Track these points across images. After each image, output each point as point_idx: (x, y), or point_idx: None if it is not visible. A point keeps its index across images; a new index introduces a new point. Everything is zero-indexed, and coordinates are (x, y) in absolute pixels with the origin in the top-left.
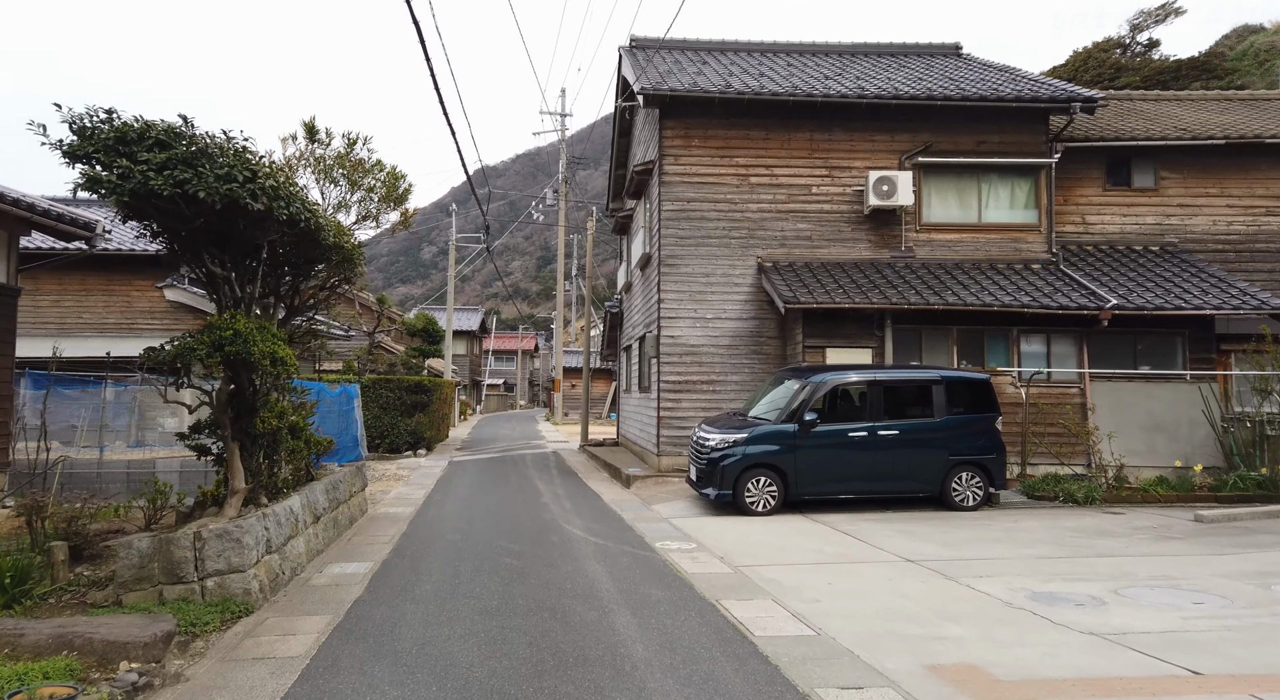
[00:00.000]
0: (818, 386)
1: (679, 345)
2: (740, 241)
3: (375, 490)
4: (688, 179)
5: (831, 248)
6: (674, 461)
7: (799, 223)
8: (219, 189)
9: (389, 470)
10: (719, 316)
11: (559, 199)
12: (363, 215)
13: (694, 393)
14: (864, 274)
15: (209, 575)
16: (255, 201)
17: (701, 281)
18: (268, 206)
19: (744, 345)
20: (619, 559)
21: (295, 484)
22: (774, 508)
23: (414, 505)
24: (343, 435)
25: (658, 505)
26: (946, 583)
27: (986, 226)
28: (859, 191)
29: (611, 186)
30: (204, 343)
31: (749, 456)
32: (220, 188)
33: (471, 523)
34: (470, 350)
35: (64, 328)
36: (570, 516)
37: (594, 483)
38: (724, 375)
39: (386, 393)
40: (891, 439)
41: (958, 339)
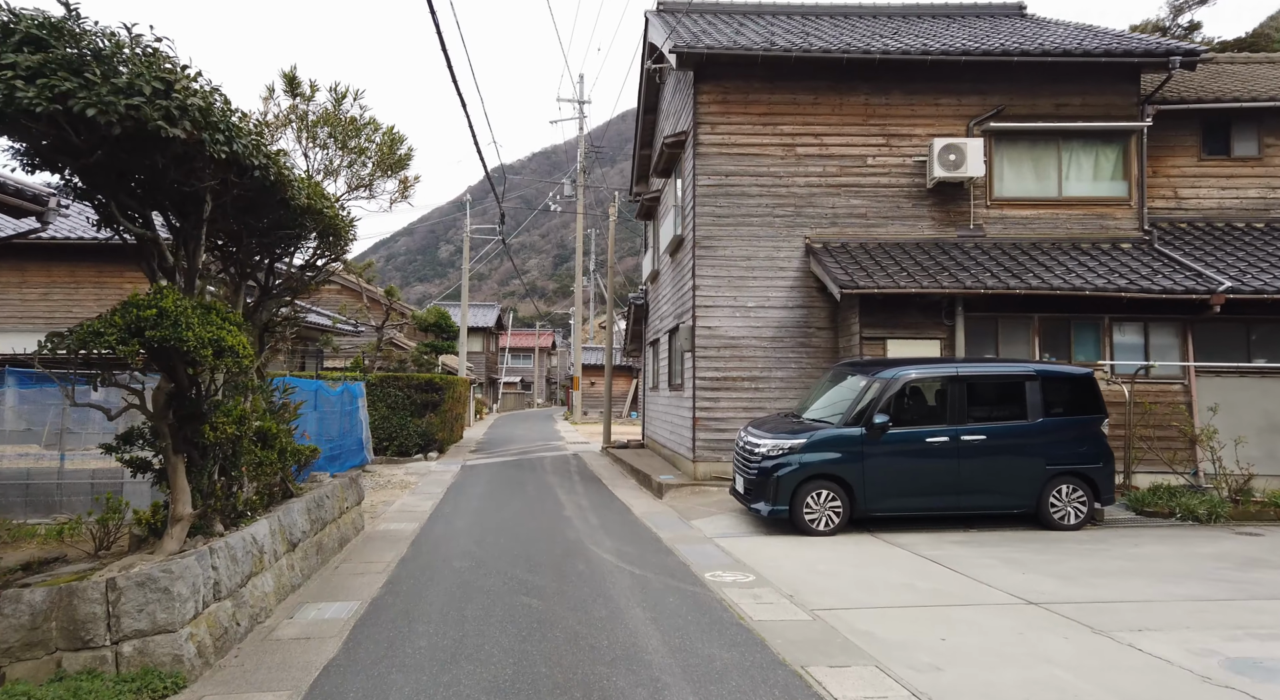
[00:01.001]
0: (889, 383)
1: (716, 337)
2: (785, 220)
3: (377, 501)
4: (726, 150)
5: (889, 226)
6: (711, 468)
7: (852, 198)
8: (117, 105)
9: (395, 476)
10: (761, 305)
11: (577, 189)
12: (354, 184)
13: (734, 390)
14: (928, 255)
15: (126, 638)
16: (173, 126)
17: (742, 265)
18: (195, 136)
19: (790, 337)
20: (664, 599)
21: (266, 503)
22: (837, 526)
23: (418, 520)
24: (345, 437)
25: (698, 521)
26: (1098, 639)
27: (1067, 201)
28: (921, 162)
29: (635, 168)
30: (114, 325)
31: (808, 466)
32: (118, 103)
33: (483, 544)
34: (486, 347)
35: (52, 323)
36: (598, 535)
37: (621, 491)
38: (767, 371)
39: (395, 391)
40: (977, 445)
41: (1040, 329)
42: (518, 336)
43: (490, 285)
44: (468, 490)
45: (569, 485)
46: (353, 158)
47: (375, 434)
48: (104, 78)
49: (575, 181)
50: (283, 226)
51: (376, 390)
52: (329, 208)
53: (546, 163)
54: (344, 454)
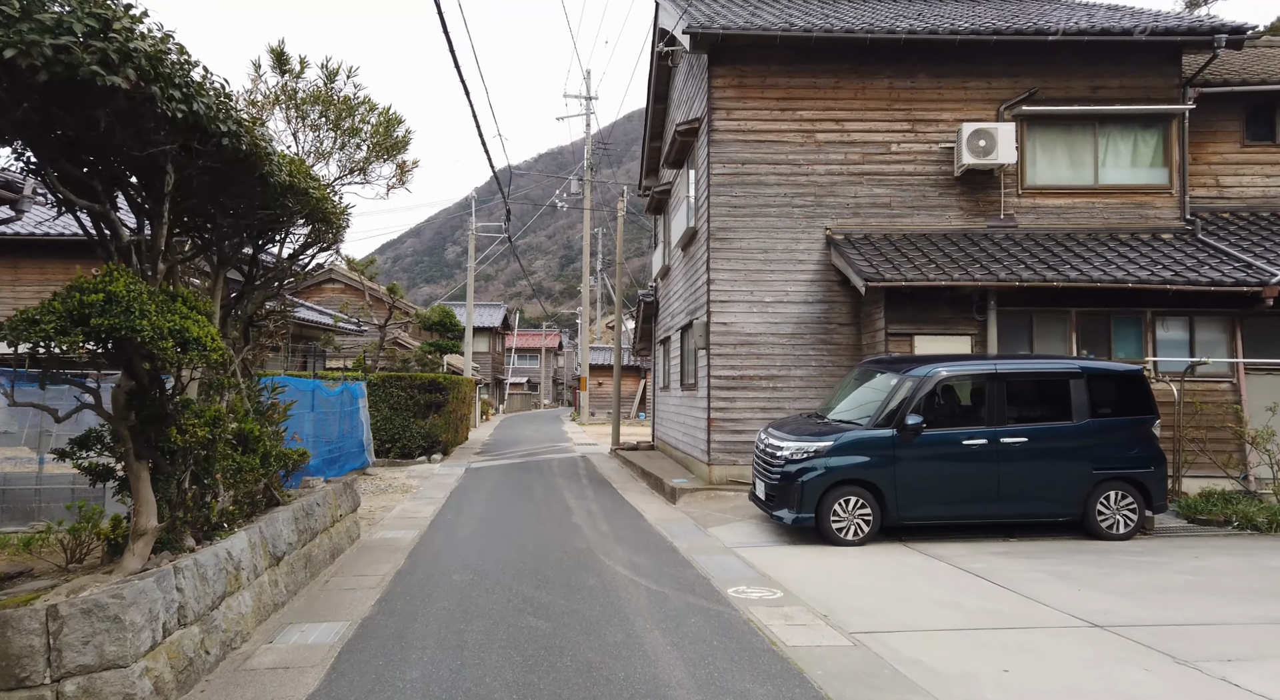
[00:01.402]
0: (922, 381)
1: (732, 334)
2: (805, 210)
3: (376, 506)
4: (742, 136)
5: (915, 217)
6: (728, 472)
7: (875, 187)
8: (41, 45)
9: (397, 479)
10: (780, 300)
11: (584, 186)
12: (349, 168)
13: (751, 390)
14: (956, 247)
15: (69, 675)
16: (112, 73)
17: (759, 258)
18: (142, 89)
19: (810, 334)
20: (685, 619)
21: (249, 513)
22: (867, 535)
23: (418, 528)
24: (345, 439)
25: (716, 529)
26: (1185, 673)
27: (1104, 189)
28: (948, 149)
29: (645, 161)
30: (53, 313)
31: (835, 470)
32: (43, 44)
33: (486, 555)
34: (492, 348)
35: None
36: (609, 544)
37: (632, 496)
38: (786, 369)
39: (398, 392)
40: (1018, 448)
41: (1077, 324)
42: (524, 337)
43: (497, 286)
44: (471, 495)
45: (577, 489)
46: (345, 139)
47: (377, 436)
48: (25, 13)
49: (582, 179)
50: (263, 207)
51: (378, 390)
52: (315, 187)
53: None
54: (344, 456)
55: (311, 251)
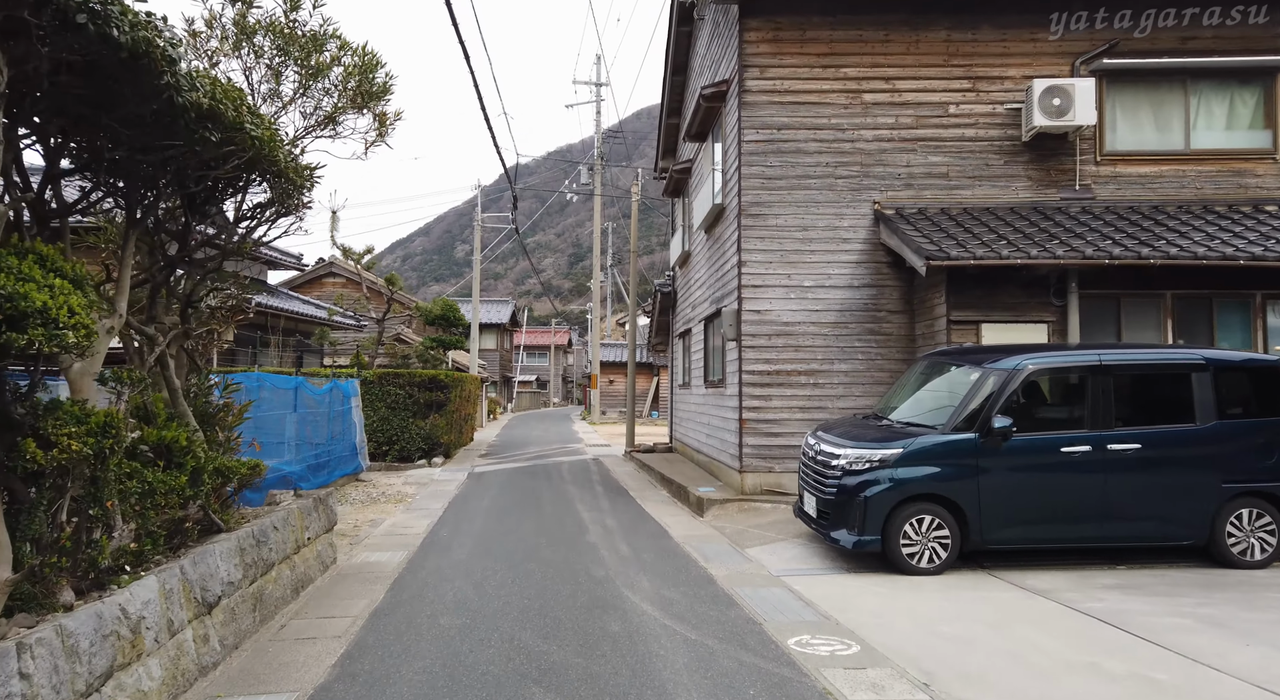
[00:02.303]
0: (1010, 376)
1: (767, 323)
2: (850, 181)
3: (362, 520)
4: (778, 98)
5: (976, 188)
6: (762, 480)
7: (931, 155)
8: None
9: (392, 486)
10: (820, 284)
11: (594, 177)
12: (318, 119)
13: (788, 387)
14: (1026, 221)
15: None
16: None
17: (797, 237)
18: None
19: (855, 322)
20: (741, 690)
21: (176, 546)
22: (944, 562)
23: (408, 548)
24: (335, 442)
25: (756, 550)
26: None
27: (1196, 155)
28: (1014, 110)
29: (661, 140)
30: None
31: (905, 484)
32: None
33: (483, 587)
34: (500, 345)
35: None
36: (631, 572)
37: (653, 507)
38: (829, 363)
39: (395, 390)
40: (1129, 457)
41: (1173, 309)
42: (533, 334)
43: (505, 284)
44: (472, 505)
45: (591, 498)
46: (310, 81)
47: (373, 437)
48: None
49: (591, 168)
50: (170, 137)
51: (374, 389)
52: (253, 122)
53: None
54: (333, 461)
55: (265, 210)
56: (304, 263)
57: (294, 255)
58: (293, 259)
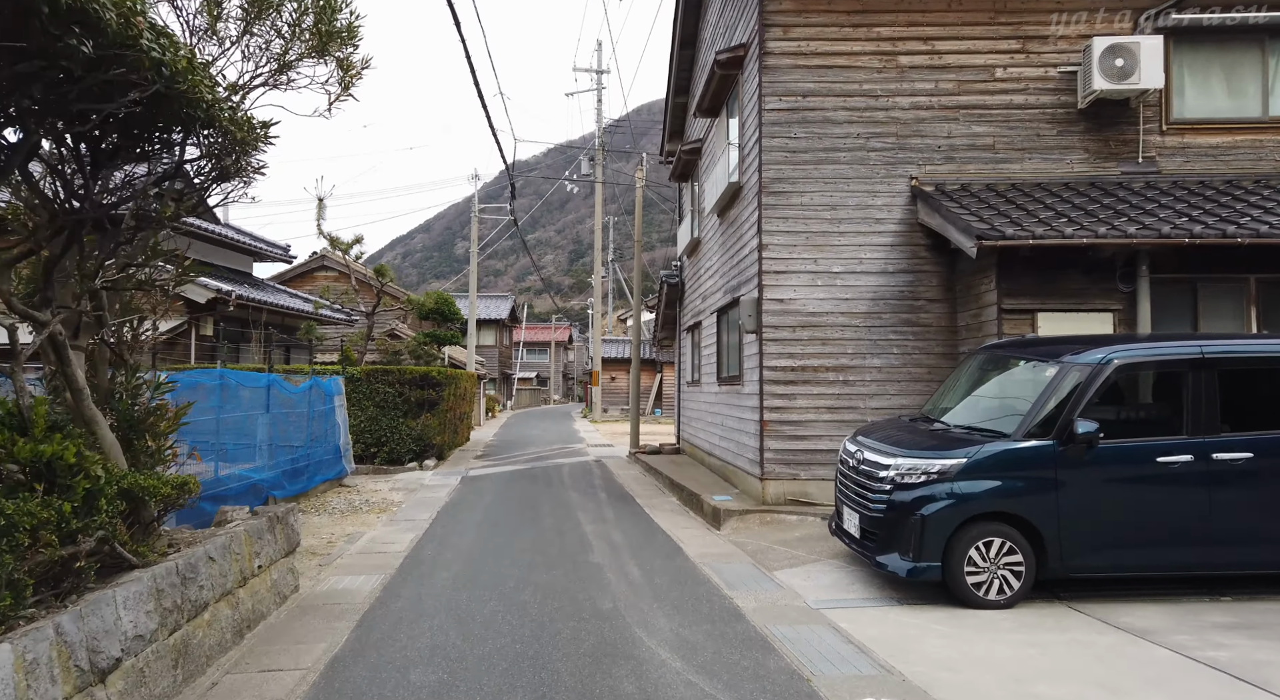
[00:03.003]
0: (1096, 371)
1: (791, 313)
2: (884, 155)
3: (337, 535)
4: (803, 61)
5: (1025, 161)
6: (785, 488)
7: (975, 124)
8: None
9: (377, 493)
10: (851, 269)
11: (595, 167)
12: (269, 66)
13: (814, 384)
14: (1085, 197)
15: None
16: None
17: (824, 217)
18: None
19: (890, 312)
20: None
21: (64, 594)
22: (1016, 593)
23: (385, 571)
24: (315, 445)
25: (786, 574)
26: None
27: (1276, 123)
28: (1069, 73)
29: (668, 121)
30: None
31: (971, 500)
32: None
33: (468, 626)
34: (499, 341)
35: None
36: (644, 603)
37: (663, 517)
38: (860, 358)
39: (384, 388)
40: (1239, 469)
41: (1257, 296)
42: (533, 330)
43: (505, 281)
44: (463, 516)
45: (594, 506)
46: (255, 18)
47: (360, 439)
48: None
49: (593, 159)
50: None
51: (361, 387)
52: (157, 43)
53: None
54: (313, 466)
55: (206, 173)
56: (291, 254)
57: (280, 246)
58: (279, 250)
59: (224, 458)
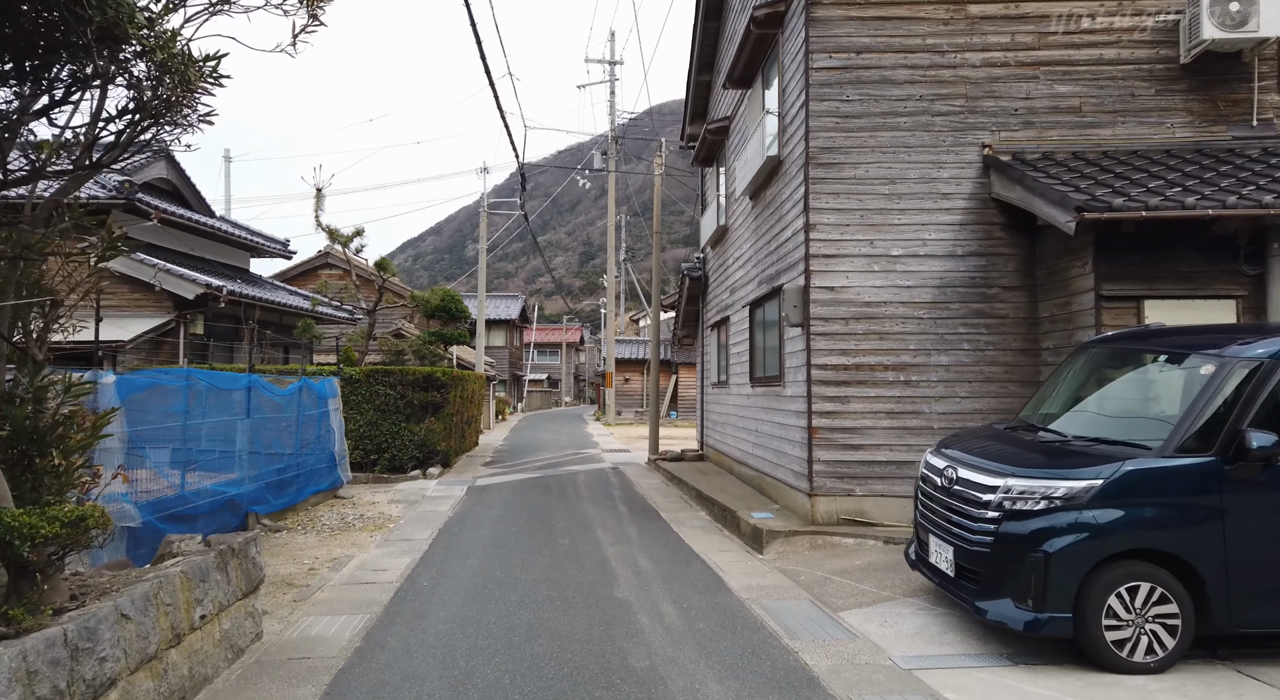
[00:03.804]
0: (1271, 368)
1: (843, 303)
2: (951, 119)
3: (322, 559)
4: (856, 11)
5: (1118, 125)
6: (838, 506)
7: (1058, 83)
8: None
9: (375, 505)
10: (913, 252)
11: (607, 161)
12: None
13: (871, 384)
14: (1193, 165)
15: None
16: None
17: (882, 192)
18: None
19: (959, 301)
20: None
21: None
22: (1171, 654)
23: (371, 609)
24: (306, 453)
25: (854, 614)
26: None
27: None
28: (1169, 23)
29: (690, 101)
30: None
31: (1109, 534)
32: None
33: (467, 693)
34: (509, 341)
35: None
36: (687, 658)
37: (694, 536)
38: (924, 355)
39: (385, 390)
40: None
41: None
42: (543, 331)
43: (516, 283)
44: (468, 535)
45: (615, 523)
46: None
47: (360, 445)
48: None
49: (605, 152)
50: None
51: (360, 388)
52: None
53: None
54: (303, 476)
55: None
56: (290, 249)
57: (279, 240)
58: (278, 245)
59: (195, 469)
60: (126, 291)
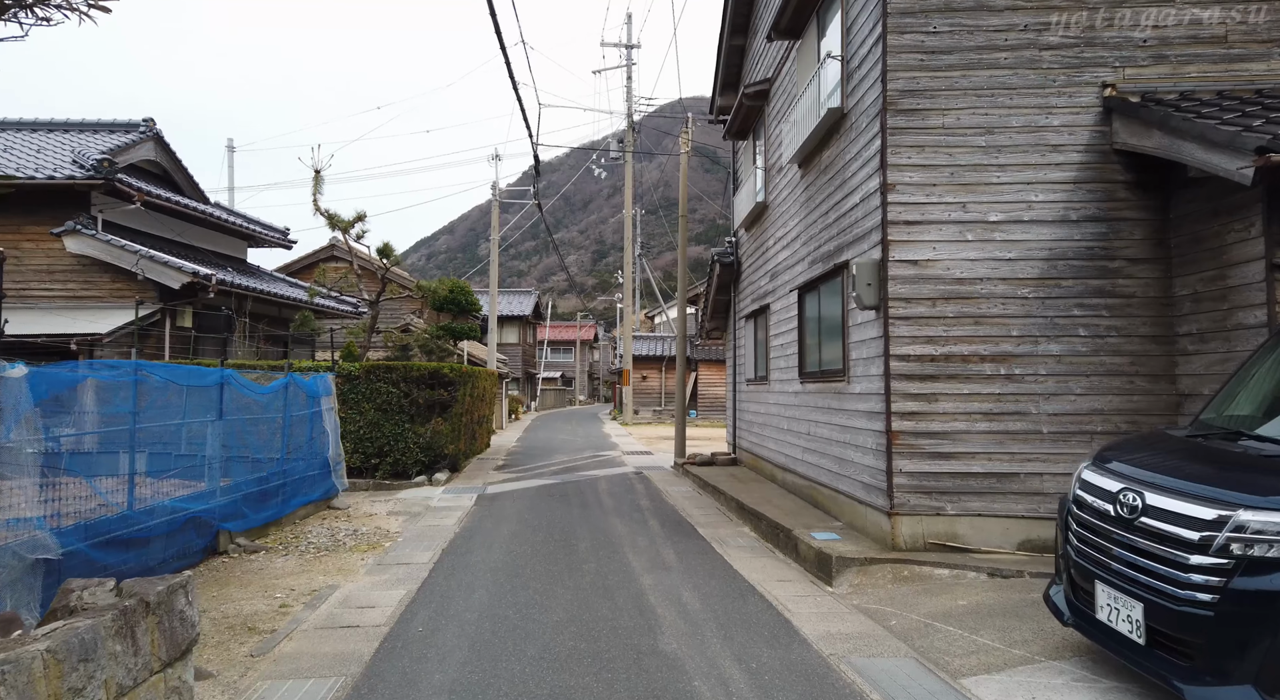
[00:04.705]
0: None
1: (929, 280)
2: (1063, 54)
3: (299, 590)
4: None
5: (1273, 57)
6: (925, 528)
7: (1197, 7)
8: None
9: (372, 518)
10: (1015, 218)
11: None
12: None
13: (963, 379)
14: None
15: None
16: None
17: (976, 144)
18: None
19: (1072, 277)
20: None
21: None
22: None
23: (347, 668)
24: (295, 460)
25: (983, 685)
26: None
27: None
28: None
29: (721, 70)
30: None
31: None
32: None
33: None
34: (523, 339)
35: None
36: None
37: (743, 560)
38: (1030, 343)
39: (387, 387)
40: None
41: None
42: (557, 329)
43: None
44: (475, 558)
45: (647, 543)
46: None
47: (360, 448)
48: None
49: (621, 140)
50: None
51: (360, 386)
52: None
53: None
54: (289, 486)
55: None
56: (290, 238)
57: (278, 229)
58: (276, 233)
59: (150, 481)
60: (108, 281)
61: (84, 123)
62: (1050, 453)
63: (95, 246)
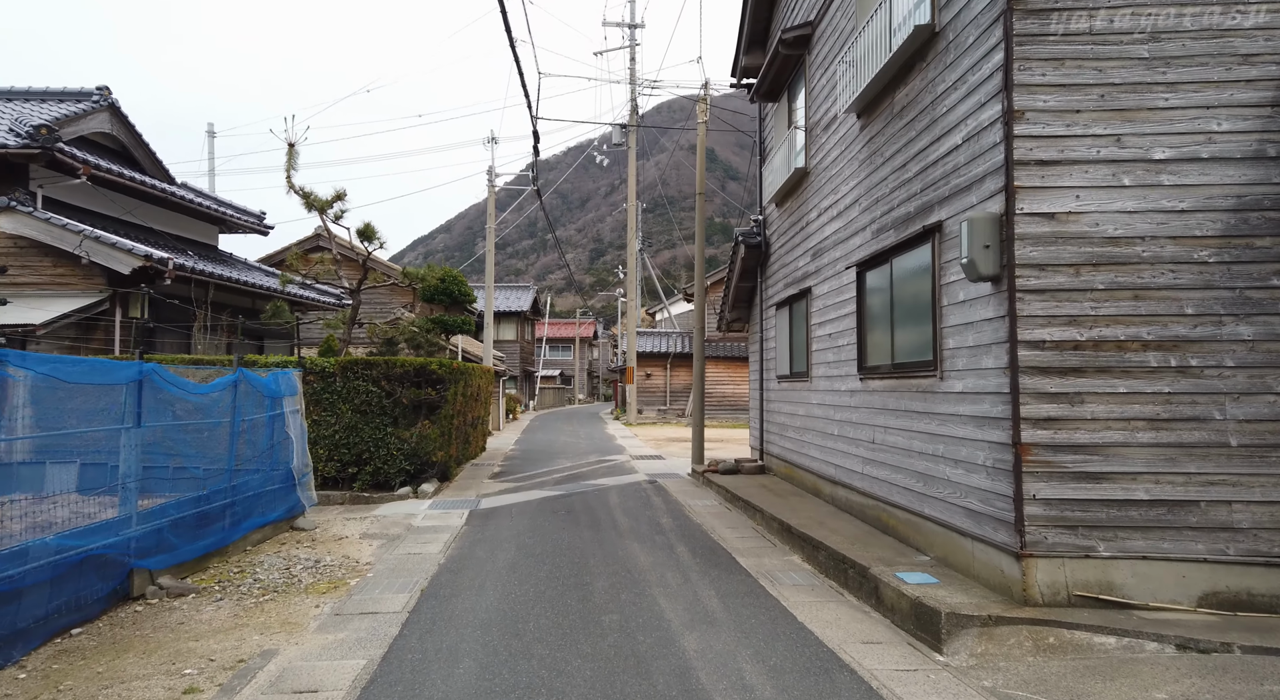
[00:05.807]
0: None
1: (1071, 239)
2: None
3: (219, 661)
4: None
5: None
6: (1072, 574)
7: None
8: None
9: (341, 543)
10: (1190, 155)
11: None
12: None
13: (1118, 374)
14: None
15: None
16: None
17: (1135, 56)
18: None
19: (1271, 235)
20: None
21: None
22: None
23: None
24: (248, 472)
25: None
26: None
27: None
28: None
29: (747, 27)
30: None
31: None
32: None
33: None
34: (520, 335)
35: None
36: None
37: (806, 608)
38: (1213, 324)
39: (367, 386)
40: None
41: None
42: (555, 326)
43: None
44: (462, 603)
45: (679, 580)
46: None
47: (335, 456)
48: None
49: (625, 127)
50: None
51: (334, 384)
52: None
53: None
54: (239, 505)
55: None
56: (267, 224)
57: (253, 213)
58: (251, 218)
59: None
60: (49, 265)
61: (30, 91)
62: (1242, 474)
63: (33, 225)
